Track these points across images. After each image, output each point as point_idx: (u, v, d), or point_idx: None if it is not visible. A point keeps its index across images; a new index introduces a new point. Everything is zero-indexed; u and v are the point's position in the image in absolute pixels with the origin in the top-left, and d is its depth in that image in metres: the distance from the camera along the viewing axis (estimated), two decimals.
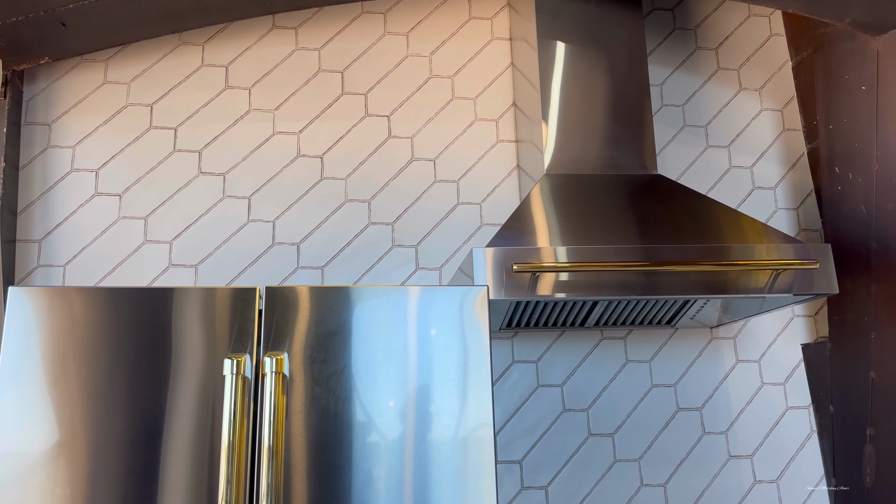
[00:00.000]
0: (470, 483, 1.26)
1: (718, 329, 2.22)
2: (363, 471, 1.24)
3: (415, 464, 1.26)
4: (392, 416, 1.27)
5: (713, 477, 2.10)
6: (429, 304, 1.34)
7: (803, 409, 2.18)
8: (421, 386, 1.30)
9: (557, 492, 2.04)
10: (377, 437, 1.26)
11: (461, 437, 1.28)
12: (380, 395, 1.28)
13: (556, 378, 2.13)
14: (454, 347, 1.33)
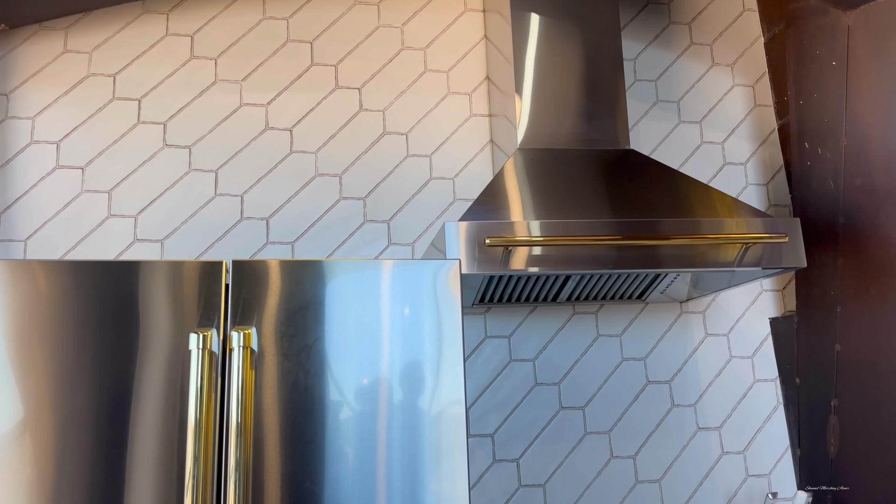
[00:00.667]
0: (442, 458, 1.26)
1: (688, 303, 2.24)
2: (335, 447, 1.23)
3: (388, 439, 1.25)
4: (363, 391, 1.26)
5: (682, 449, 2.14)
6: (401, 279, 1.32)
7: (770, 381, 2.22)
8: (393, 361, 1.28)
9: (529, 464, 2.06)
10: (349, 413, 1.25)
11: (433, 413, 1.27)
12: (351, 371, 1.27)
13: (528, 353, 2.14)
14: (427, 321, 1.31)
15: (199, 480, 1.15)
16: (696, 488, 2.11)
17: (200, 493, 1.16)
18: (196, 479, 1.15)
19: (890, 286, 1.84)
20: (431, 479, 1.25)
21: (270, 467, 1.21)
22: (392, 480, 1.24)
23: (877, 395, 1.88)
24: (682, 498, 2.10)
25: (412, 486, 1.24)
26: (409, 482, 1.24)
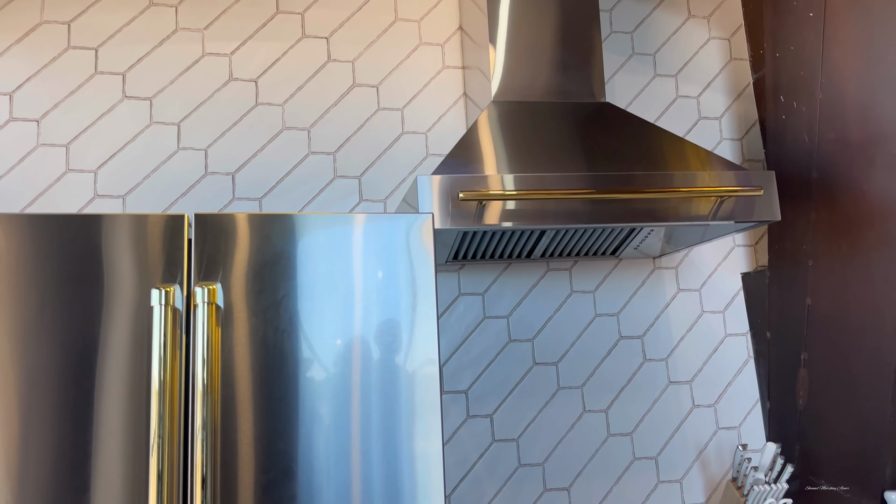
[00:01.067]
0: (416, 415, 1.24)
1: (661, 259, 2.24)
2: (307, 405, 1.20)
3: (360, 396, 1.23)
4: (335, 348, 1.23)
5: (653, 402, 2.15)
6: (373, 234, 1.28)
7: (741, 336, 2.24)
8: (365, 318, 1.25)
9: (502, 420, 2.06)
10: (320, 370, 1.22)
11: (407, 370, 1.25)
12: (322, 328, 1.23)
13: (501, 310, 2.12)
14: (400, 277, 1.28)
15: (164, 440, 1.12)
16: (667, 441, 2.14)
17: (167, 454, 1.13)
18: (162, 438, 1.11)
19: (862, 240, 1.85)
20: (405, 437, 1.23)
21: (242, 426, 1.18)
22: (365, 438, 1.22)
23: (846, 348, 1.90)
24: (654, 450, 2.12)
25: (385, 443, 1.22)
26: (382, 439, 1.22)
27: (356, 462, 1.21)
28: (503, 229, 1.64)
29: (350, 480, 1.20)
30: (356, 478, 1.21)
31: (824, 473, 1.98)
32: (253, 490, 1.16)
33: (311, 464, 1.19)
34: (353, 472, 1.21)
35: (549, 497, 2.04)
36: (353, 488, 1.20)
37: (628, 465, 2.10)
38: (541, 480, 2.05)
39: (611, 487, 2.08)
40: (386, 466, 1.22)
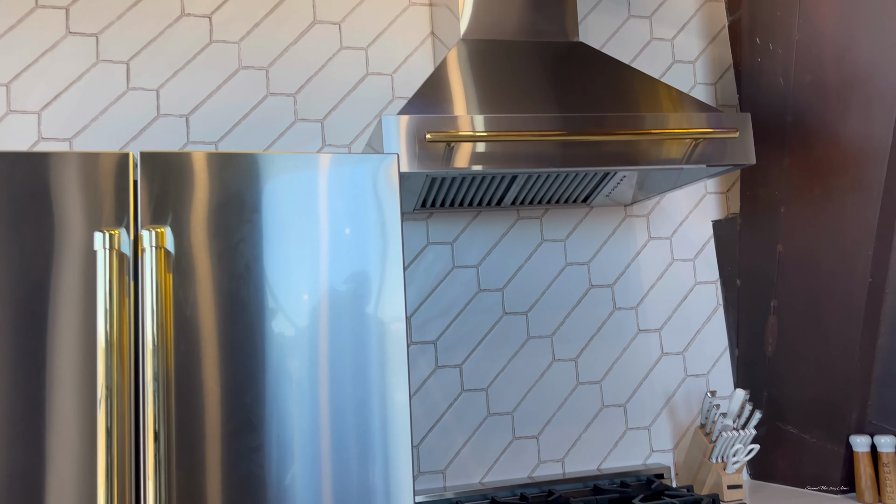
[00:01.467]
0: (381, 365, 1.19)
1: (633, 207, 2.20)
2: (271, 355, 1.14)
3: (321, 346, 1.17)
4: (296, 296, 1.17)
5: (622, 350, 2.14)
6: (337, 175, 1.21)
7: (711, 283, 2.23)
8: (328, 264, 1.19)
9: (471, 369, 2.03)
10: (282, 318, 1.15)
11: (371, 318, 1.20)
12: (282, 273, 1.17)
13: (471, 259, 2.07)
14: (364, 222, 1.21)
15: (113, 394, 1.05)
16: (635, 388, 2.13)
17: (116, 409, 1.06)
18: (110, 391, 1.05)
19: (835, 185, 1.83)
20: (370, 386, 1.18)
21: (202, 377, 1.11)
22: (331, 388, 1.17)
23: (816, 295, 1.89)
24: (622, 398, 2.12)
25: (350, 393, 1.18)
26: (346, 390, 1.17)
27: (324, 413, 1.16)
28: (472, 173, 1.57)
29: (318, 431, 1.15)
30: (324, 429, 1.16)
31: (791, 419, 1.99)
32: (219, 443, 1.11)
33: (275, 415, 1.14)
34: (320, 422, 1.16)
35: (517, 445, 2.03)
36: (322, 440, 1.15)
37: (597, 413, 2.10)
38: (510, 429, 2.03)
39: (579, 435, 2.08)
40: (351, 417, 1.17)
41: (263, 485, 1.12)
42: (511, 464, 2.02)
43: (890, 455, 1.75)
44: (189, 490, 1.09)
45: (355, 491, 1.16)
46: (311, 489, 1.14)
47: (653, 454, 2.12)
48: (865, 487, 1.77)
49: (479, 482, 1.99)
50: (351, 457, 1.17)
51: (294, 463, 1.14)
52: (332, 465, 1.16)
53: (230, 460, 1.11)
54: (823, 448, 1.89)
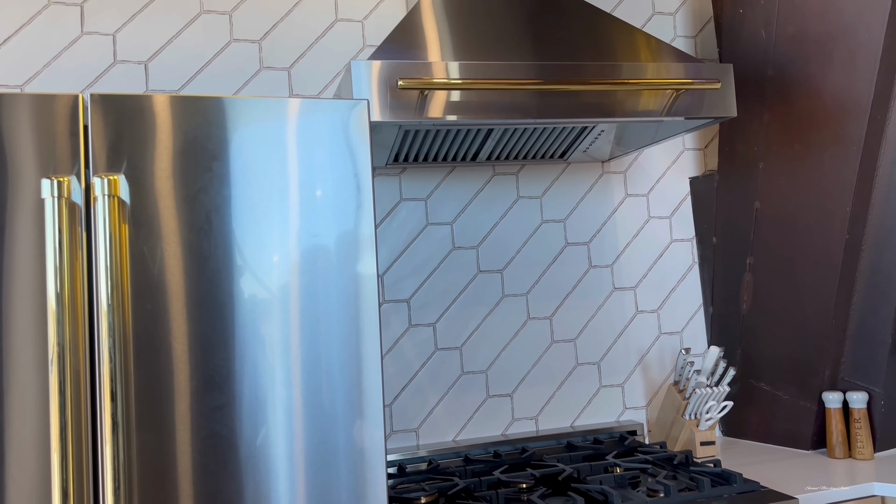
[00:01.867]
0: (350, 323, 1.14)
1: (610, 163, 2.16)
2: (240, 312, 1.09)
3: (300, 308, 1.11)
4: (261, 249, 1.11)
5: (597, 309, 2.12)
6: (304, 122, 1.14)
7: (686, 241, 2.21)
8: (295, 216, 1.13)
9: (445, 328, 1.99)
10: (247, 273, 1.10)
11: (340, 272, 1.14)
12: (245, 226, 1.10)
13: (445, 216, 2.02)
14: (333, 172, 1.15)
15: (66, 351, 0.99)
16: (609, 346, 2.12)
17: (70, 368, 1.00)
18: (62, 349, 0.98)
19: (815, 140, 1.80)
20: (341, 345, 1.14)
21: (169, 336, 1.05)
22: (301, 346, 1.12)
23: (793, 252, 1.88)
24: (596, 356, 2.10)
25: (320, 353, 1.13)
26: (316, 348, 1.13)
27: (295, 372, 1.11)
28: (446, 124, 1.51)
29: (289, 391, 1.11)
30: (295, 389, 1.11)
31: (764, 376, 1.99)
32: (183, 403, 1.06)
33: (244, 374, 1.09)
34: (291, 382, 1.11)
35: (491, 403, 2.01)
36: (293, 400, 1.11)
37: (571, 371, 2.08)
38: (484, 387, 2.01)
39: (553, 393, 2.06)
40: (323, 376, 1.13)
41: (232, 445, 1.08)
42: (485, 422, 2.01)
43: (861, 411, 1.76)
44: (152, 452, 1.04)
45: (328, 450, 1.12)
46: (282, 449, 1.10)
47: (626, 411, 2.12)
48: (836, 443, 1.78)
49: (453, 440, 1.97)
50: (323, 416, 1.12)
51: (265, 423, 1.10)
52: (304, 425, 1.12)
53: (196, 420, 1.06)
54: (796, 405, 1.90)
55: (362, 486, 1.14)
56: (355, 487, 1.13)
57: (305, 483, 1.11)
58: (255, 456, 1.09)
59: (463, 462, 1.89)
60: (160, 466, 1.04)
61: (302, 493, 1.11)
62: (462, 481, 1.65)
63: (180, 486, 1.06)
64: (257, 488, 1.08)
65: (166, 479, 1.05)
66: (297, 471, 1.11)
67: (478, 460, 1.87)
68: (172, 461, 1.05)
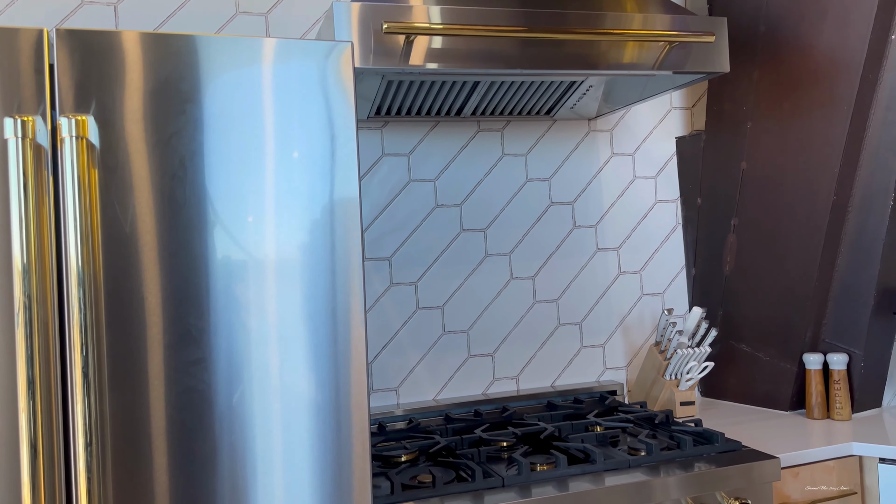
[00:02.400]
0: (336, 282, 1.10)
1: (596, 121, 2.12)
2: (214, 265, 1.04)
3: (277, 262, 1.07)
4: (238, 198, 1.06)
5: (580, 269, 2.10)
6: (283, 66, 1.08)
7: (671, 202, 2.19)
8: (277, 167, 1.08)
9: (427, 287, 1.96)
10: (224, 222, 1.05)
11: (324, 230, 1.10)
12: (221, 173, 1.05)
13: (428, 173, 1.97)
14: (313, 118, 1.10)
15: (33, 302, 0.94)
16: (592, 307, 2.10)
17: (38, 319, 0.95)
18: (29, 298, 0.93)
19: (804, 100, 1.77)
20: (324, 302, 1.10)
21: (141, 287, 1.01)
22: (278, 300, 1.08)
23: (777, 213, 1.87)
24: (578, 316, 2.09)
25: (302, 308, 1.09)
26: (298, 303, 1.09)
27: (273, 328, 1.07)
28: (431, 73, 1.46)
29: (267, 346, 1.07)
30: (273, 345, 1.07)
31: (745, 337, 2.00)
32: (157, 358, 1.01)
33: (220, 328, 1.05)
34: (269, 337, 1.07)
35: (472, 363, 2.00)
36: (271, 356, 1.07)
37: (553, 331, 2.07)
38: (465, 347, 1.99)
39: (534, 353, 2.05)
40: (303, 333, 1.09)
41: (208, 401, 1.04)
42: (466, 381, 1.99)
43: (841, 373, 1.77)
44: (125, 408, 1.00)
45: (308, 408, 1.09)
46: (260, 406, 1.07)
47: (606, 371, 2.12)
48: (815, 404, 1.79)
49: (433, 399, 1.96)
50: (304, 374, 1.09)
51: (242, 380, 1.06)
52: (283, 383, 1.08)
53: (170, 375, 1.03)
54: (776, 366, 1.90)
55: (346, 444, 1.11)
56: (338, 446, 1.11)
57: (284, 442, 1.08)
58: (232, 413, 1.06)
59: (444, 421, 1.88)
60: (134, 422, 1.01)
61: (280, 452, 1.08)
62: (443, 439, 1.64)
63: (154, 442, 1.02)
64: (233, 447, 1.05)
65: (140, 435, 1.01)
66: (276, 429, 1.08)
67: (459, 419, 1.85)
68: (146, 417, 1.02)
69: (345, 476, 1.11)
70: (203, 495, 1.04)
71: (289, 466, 1.08)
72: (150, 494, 1.01)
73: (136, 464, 1.01)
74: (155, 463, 1.02)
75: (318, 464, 1.09)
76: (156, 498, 1.01)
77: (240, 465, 1.05)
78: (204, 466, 1.04)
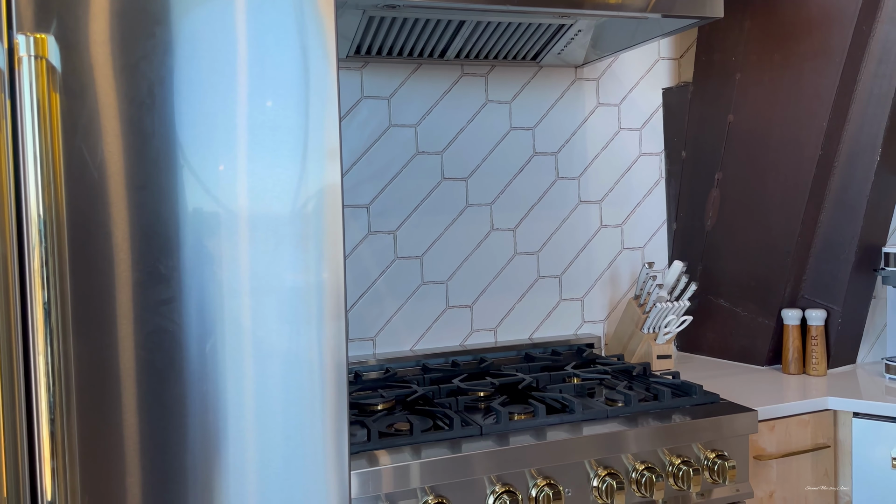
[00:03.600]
0: (313, 227, 1.06)
1: (583, 69, 2.07)
2: (184, 201, 0.98)
3: (250, 204, 1.02)
4: (209, 129, 1.00)
5: (562, 222, 2.07)
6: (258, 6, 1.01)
7: (655, 155, 2.15)
8: (251, 97, 1.02)
9: (406, 236, 1.92)
10: (194, 155, 0.99)
11: (302, 172, 1.04)
12: (192, 102, 0.99)
13: (409, 118, 1.91)
14: (290, 48, 1.04)
15: None
16: (572, 260, 2.08)
17: None
18: None
19: (795, 51, 1.74)
20: (301, 252, 1.05)
21: (116, 222, 0.95)
22: (251, 243, 1.03)
23: (763, 167, 1.85)
24: (558, 269, 2.07)
25: (277, 252, 1.04)
26: (272, 247, 1.04)
27: (244, 271, 1.03)
28: (414, 4, 1.39)
29: (239, 291, 1.02)
30: (244, 290, 1.03)
31: (724, 292, 1.99)
32: (130, 294, 0.96)
33: (190, 267, 1.00)
34: (241, 280, 1.02)
35: (451, 314, 1.97)
36: (242, 301, 1.03)
37: (532, 284, 2.05)
38: (444, 298, 1.96)
39: (513, 305, 2.03)
40: (275, 282, 1.05)
41: (179, 343, 1.00)
42: (443, 332, 1.97)
43: (819, 328, 1.78)
44: (90, 349, 0.96)
45: (284, 357, 1.05)
46: (234, 353, 1.03)
47: (584, 325, 2.11)
48: (792, 359, 1.80)
49: (411, 349, 1.94)
50: (278, 321, 1.05)
51: (215, 327, 1.01)
52: (256, 329, 1.04)
53: (139, 315, 0.98)
54: (754, 321, 1.91)
55: (320, 392, 1.08)
56: (312, 395, 1.08)
57: (256, 391, 1.04)
58: (204, 360, 1.01)
59: (421, 371, 1.86)
60: (100, 365, 0.96)
61: (252, 400, 1.04)
62: (420, 388, 1.62)
63: (123, 384, 0.98)
64: (205, 394, 1.01)
65: (108, 378, 0.97)
66: (248, 377, 1.04)
67: (436, 369, 1.84)
68: (114, 359, 0.97)
69: (318, 425, 1.08)
70: (174, 440, 1.00)
71: (262, 413, 1.05)
72: (119, 437, 0.97)
73: (103, 406, 0.96)
74: (124, 405, 0.98)
75: (293, 412, 1.06)
76: (125, 440, 0.98)
77: (212, 410, 1.02)
78: (174, 409, 1.00)
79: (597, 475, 1.36)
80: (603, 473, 1.35)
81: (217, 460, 1.02)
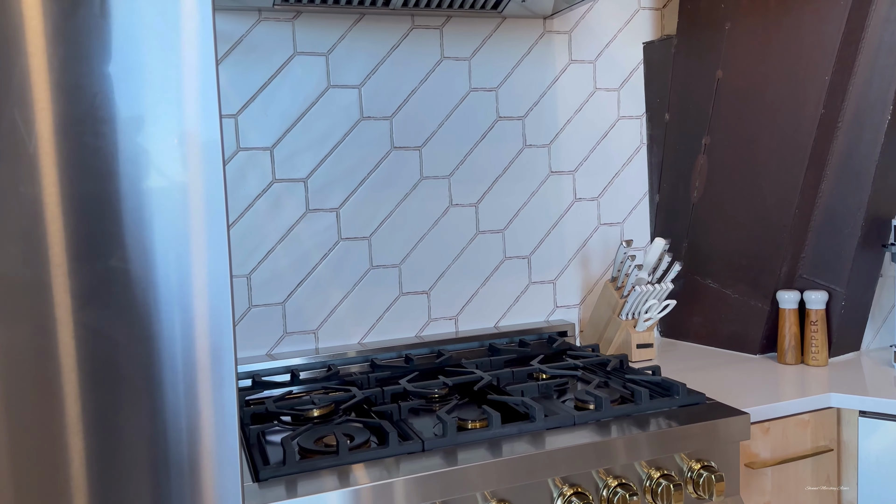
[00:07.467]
0: (187, 188, 0.82)
1: (553, 20, 1.82)
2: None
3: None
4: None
5: (530, 196, 1.84)
6: None
7: (635, 119, 1.92)
8: None
9: (351, 214, 1.68)
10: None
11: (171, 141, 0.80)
12: None
13: (352, 77, 1.66)
14: None
15: None
16: (542, 238, 1.85)
17: None
18: None
19: None
20: (165, 202, 0.81)
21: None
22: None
23: (756, 130, 1.61)
24: (527, 249, 1.84)
25: (145, 212, 0.81)
26: (138, 205, 0.80)
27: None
28: None
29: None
30: None
31: (712, 272, 1.77)
32: None
33: None
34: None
35: (405, 302, 1.74)
36: None
37: (497, 266, 1.82)
38: (396, 283, 1.73)
39: (476, 290, 1.80)
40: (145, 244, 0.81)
41: None
42: (397, 323, 1.74)
43: (819, 312, 1.56)
44: None
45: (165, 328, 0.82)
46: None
47: (557, 310, 1.88)
48: (789, 347, 1.58)
49: (359, 343, 1.71)
50: (129, 299, 0.82)
51: None
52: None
53: None
54: (745, 304, 1.69)
55: (192, 402, 0.85)
56: (177, 409, 0.84)
57: (91, 403, 0.81)
58: None
59: (369, 368, 1.63)
60: None
61: (78, 414, 0.81)
62: (362, 392, 1.39)
63: None
64: None
65: None
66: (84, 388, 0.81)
67: (385, 366, 1.61)
68: None
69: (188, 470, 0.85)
70: None
71: None
72: None
73: None
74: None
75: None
76: None
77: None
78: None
79: (562, 495, 1.14)
80: (569, 493, 1.14)
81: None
